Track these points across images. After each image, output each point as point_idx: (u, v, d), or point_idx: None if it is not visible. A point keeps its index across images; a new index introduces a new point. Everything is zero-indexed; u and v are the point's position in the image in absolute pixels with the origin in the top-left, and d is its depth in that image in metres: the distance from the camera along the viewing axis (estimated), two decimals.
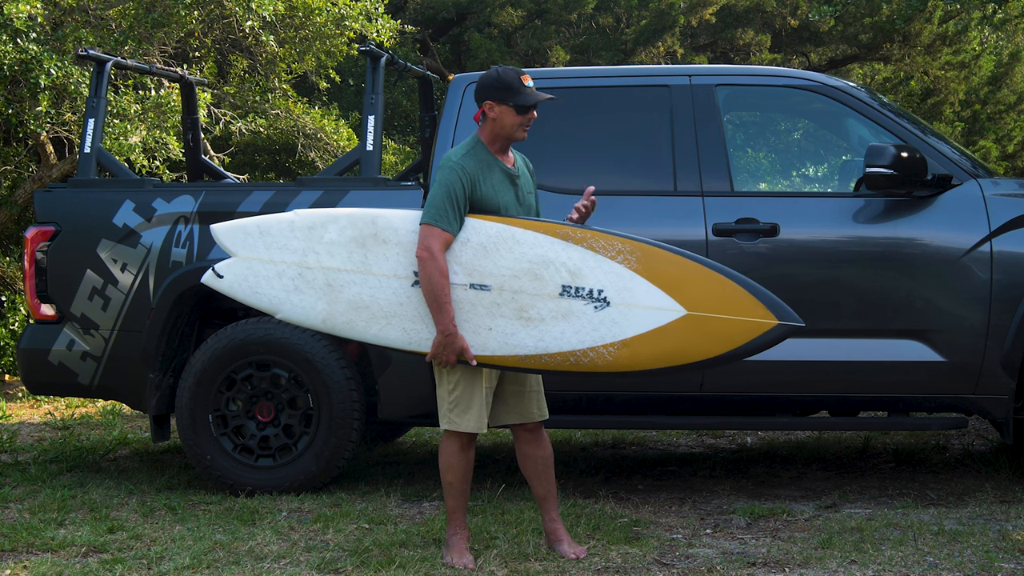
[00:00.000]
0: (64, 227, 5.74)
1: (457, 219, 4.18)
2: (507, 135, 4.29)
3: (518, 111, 4.25)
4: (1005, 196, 5.20)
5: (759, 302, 4.18)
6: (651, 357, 4.20)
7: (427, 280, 4.13)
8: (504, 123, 4.27)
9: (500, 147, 4.32)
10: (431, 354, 4.20)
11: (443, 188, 4.19)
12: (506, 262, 4.21)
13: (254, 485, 5.50)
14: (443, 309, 4.12)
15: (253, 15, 9.39)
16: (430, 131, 6.68)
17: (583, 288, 4.20)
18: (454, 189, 4.18)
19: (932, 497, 5.35)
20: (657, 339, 4.18)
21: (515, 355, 4.20)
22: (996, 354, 5.05)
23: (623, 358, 4.18)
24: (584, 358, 4.18)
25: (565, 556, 4.37)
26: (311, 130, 11.39)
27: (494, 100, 4.25)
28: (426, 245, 4.14)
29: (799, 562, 4.31)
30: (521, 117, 4.26)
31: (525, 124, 4.29)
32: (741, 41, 14.80)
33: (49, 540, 4.75)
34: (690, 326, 4.18)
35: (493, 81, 4.27)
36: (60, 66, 8.40)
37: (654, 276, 4.20)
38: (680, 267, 4.24)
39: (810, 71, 6.51)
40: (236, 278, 4.40)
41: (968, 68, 15.74)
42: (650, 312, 4.20)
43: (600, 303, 4.19)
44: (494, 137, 4.30)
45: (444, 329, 4.13)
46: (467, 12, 14.87)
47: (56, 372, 5.74)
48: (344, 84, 14.91)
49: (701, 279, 4.23)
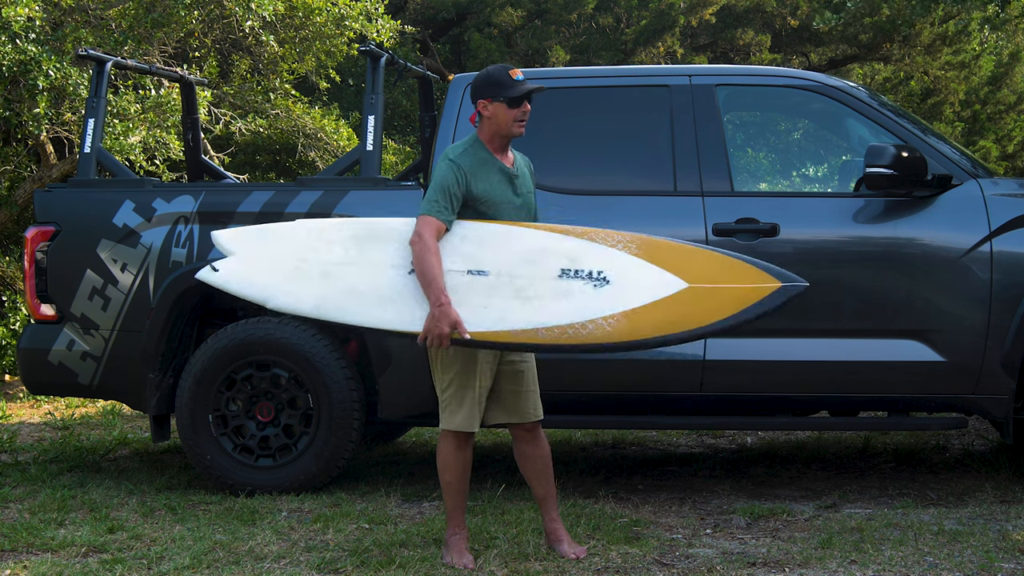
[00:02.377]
0: (64, 227, 5.74)
1: (451, 209, 4.21)
2: (504, 132, 4.30)
3: (510, 105, 4.26)
4: (1005, 196, 5.20)
5: (761, 270, 4.18)
6: (652, 326, 4.14)
7: (418, 260, 4.16)
8: (499, 120, 4.28)
9: (499, 145, 4.33)
10: (424, 329, 4.15)
11: (437, 181, 4.24)
12: (504, 253, 4.22)
13: (254, 485, 5.49)
14: (433, 282, 4.12)
15: (253, 15, 9.39)
16: (430, 131, 6.68)
17: (582, 270, 4.19)
18: (448, 182, 4.22)
19: (932, 497, 5.35)
20: (658, 309, 4.14)
21: (510, 330, 4.16)
22: (996, 354, 5.05)
23: (622, 329, 4.13)
24: (583, 330, 4.13)
25: (565, 556, 4.37)
26: (311, 130, 11.39)
27: (487, 98, 4.28)
28: (418, 231, 4.19)
29: (799, 562, 4.31)
30: (515, 111, 4.27)
31: (519, 118, 4.29)
32: (741, 41, 14.81)
33: (49, 540, 4.75)
34: (693, 297, 4.15)
35: (483, 80, 4.31)
36: (59, 67, 8.40)
37: (655, 259, 4.19)
38: (681, 251, 4.26)
39: (810, 71, 6.51)
40: (231, 272, 4.44)
41: (968, 68, 15.74)
42: (651, 287, 4.17)
43: (600, 282, 4.18)
44: (492, 135, 4.32)
45: (435, 300, 4.10)
46: (467, 12, 14.87)
47: (56, 372, 5.74)
48: (344, 84, 14.90)
49: (703, 258, 4.25)
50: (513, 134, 4.32)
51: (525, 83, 4.28)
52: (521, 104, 4.28)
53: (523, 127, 4.32)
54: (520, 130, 4.32)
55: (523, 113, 4.30)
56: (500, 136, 4.31)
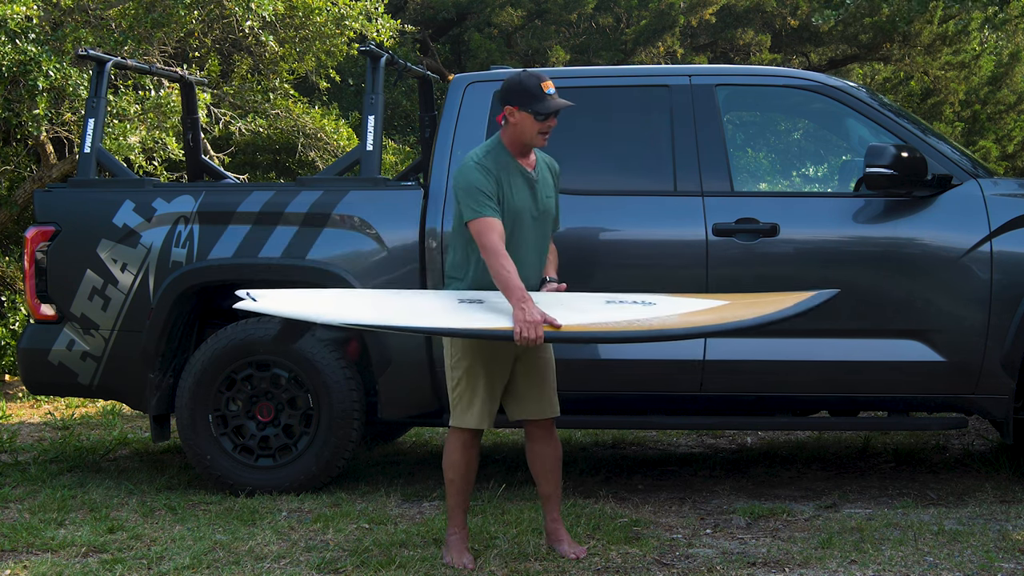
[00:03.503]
0: (64, 227, 5.74)
1: (493, 204, 4.20)
2: (526, 141, 4.33)
3: (537, 118, 4.27)
4: (1005, 196, 5.20)
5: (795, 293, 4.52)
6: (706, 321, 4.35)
7: (491, 268, 4.12)
8: (524, 129, 4.30)
9: (520, 151, 4.35)
10: (516, 328, 4.00)
11: (469, 184, 4.22)
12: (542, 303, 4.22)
13: (254, 485, 5.50)
14: (510, 282, 4.06)
15: (253, 15, 9.39)
16: (430, 131, 6.68)
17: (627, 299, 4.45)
18: (479, 181, 4.22)
19: (932, 497, 5.35)
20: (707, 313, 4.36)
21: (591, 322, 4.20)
22: (996, 354, 5.05)
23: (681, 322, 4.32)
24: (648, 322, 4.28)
25: (565, 556, 4.37)
26: (311, 130, 11.39)
27: (515, 106, 4.29)
28: (482, 243, 4.16)
29: (799, 562, 4.31)
30: (540, 124, 4.29)
31: (543, 131, 4.31)
32: (741, 41, 14.80)
33: (49, 540, 4.75)
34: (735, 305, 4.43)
35: (515, 86, 4.30)
36: (59, 67, 8.40)
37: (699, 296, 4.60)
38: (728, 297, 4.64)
39: (810, 71, 6.51)
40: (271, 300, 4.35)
41: (968, 68, 15.73)
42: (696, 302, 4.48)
43: (647, 304, 4.40)
44: (513, 141, 4.34)
45: (518, 300, 4.02)
46: (467, 12, 14.87)
47: (56, 372, 5.74)
48: (344, 84, 14.90)
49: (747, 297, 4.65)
50: (535, 144, 4.35)
51: (556, 99, 4.30)
52: (548, 119, 4.29)
53: (546, 140, 4.35)
54: (543, 142, 4.35)
55: (548, 127, 4.32)
56: (521, 143, 4.34)
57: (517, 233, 4.28)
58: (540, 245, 4.40)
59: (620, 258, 5.30)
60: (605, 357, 5.25)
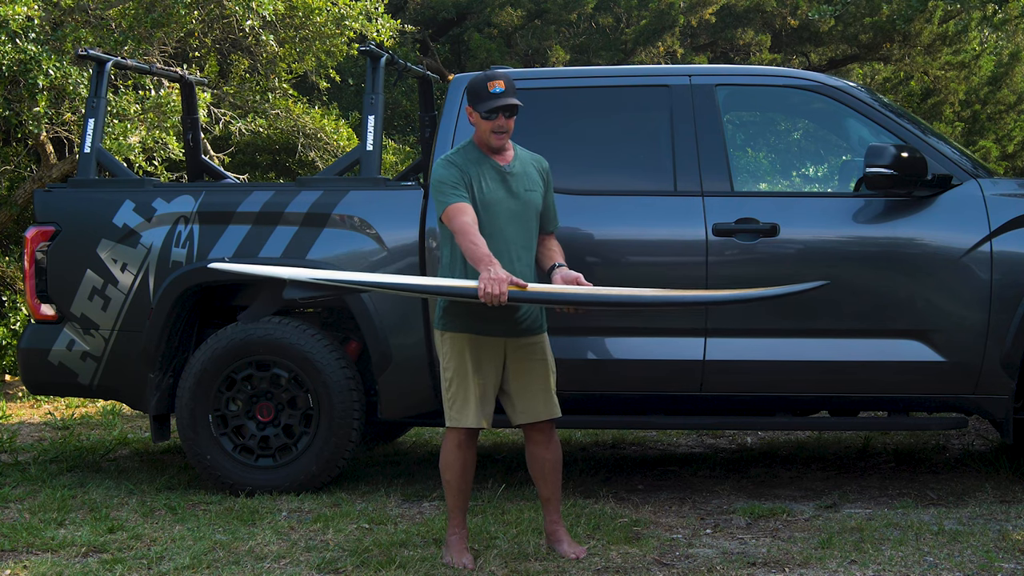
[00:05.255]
0: (64, 227, 5.74)
1: (460, 191, 4.25)
2: (483, 140, 4.36)
3: (483, 116, 4.28)
4: (1005, 196, 5.19)
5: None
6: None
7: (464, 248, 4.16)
8: (479, 128, 4.36)
9: (488, 148, 4.38)
10: (480, 288, 4.01)
11: (434, 180, 4.33)
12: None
13: (254, 485, 5.49)
14: (478, 252, 4.09)
15: (253, 15, 9.39)
16: (430, 131, 6.68)
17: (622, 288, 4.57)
18: (442, 175, 4.30)
19: (932, 497, 5.35)
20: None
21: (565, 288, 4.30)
22: (996, 354, 5.05)
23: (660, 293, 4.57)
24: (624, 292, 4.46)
25: (565, 556, 4.37)
26: (311, 130, 11.39)
27: (470, 106, 4.35)
28: (453, 228, 4.22)
29: (799, 562, 4.31)
30: (491, 123, 4.30)
31: (495, 130, 4.32)
32: (741, 41, 14.81)
33: (49, 540, 4.75)
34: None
35: (469, 87, 4.37)
36: (59, 67, 8.40)
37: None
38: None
39: (810, 71, 6.51)
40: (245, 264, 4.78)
41: (968, 68, 15.74)
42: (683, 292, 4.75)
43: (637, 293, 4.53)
44: (479, 139, 4.40)
45: (485, 265, 4.05)
46: (467, 12, 14.88)
47: (56, 372, 5.74)
48: (344, 84, 14.90)
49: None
50: (492, 144, 4.34)
51: (500, 97, 4.27)
52: (495, 117, 4.28)
53: (501, 139, 4.34)
54: (498, 141, 4.34)
55: (498, 126, 4.31)
56: (483, 143, 4.38)
57: (490, 225, 4.29)
58: (524, 239, 4.39)
59: (620, 258, 5.30)
60: (605, 357, 5.25)
